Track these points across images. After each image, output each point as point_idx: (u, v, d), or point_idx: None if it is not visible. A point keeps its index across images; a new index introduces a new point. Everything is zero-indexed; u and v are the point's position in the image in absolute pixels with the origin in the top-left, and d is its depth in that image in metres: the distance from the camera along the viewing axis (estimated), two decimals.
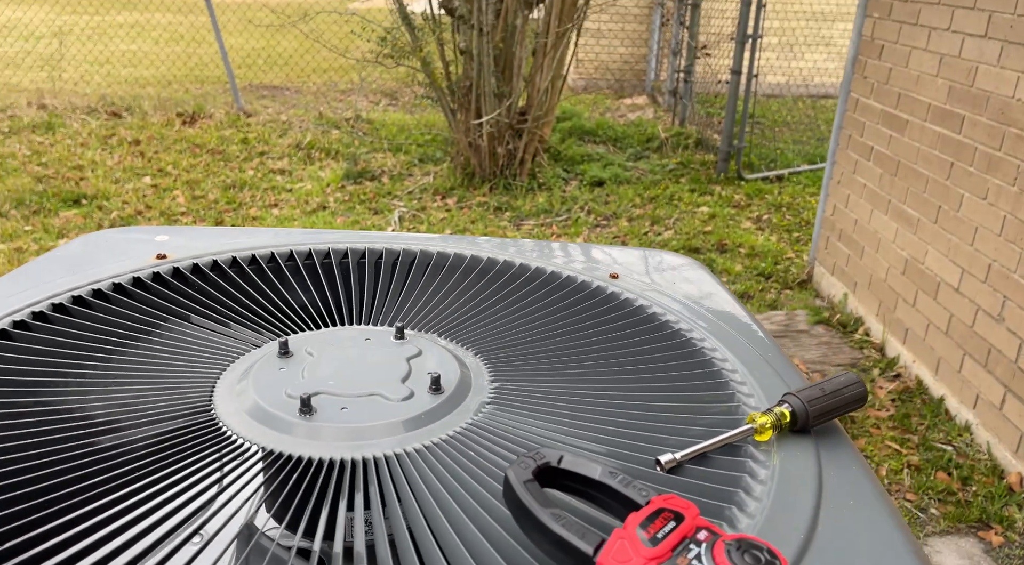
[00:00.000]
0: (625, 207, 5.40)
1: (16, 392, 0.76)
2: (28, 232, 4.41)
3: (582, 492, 0.59)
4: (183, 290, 0.97)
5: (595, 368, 0.88)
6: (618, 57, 8.71)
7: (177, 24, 12.93)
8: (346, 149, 6.49)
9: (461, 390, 0.80)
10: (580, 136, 6.85)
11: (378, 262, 1.11)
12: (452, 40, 5.59)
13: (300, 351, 0.84)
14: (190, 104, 7.52)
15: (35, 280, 0.94)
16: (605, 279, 1.09)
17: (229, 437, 0.72)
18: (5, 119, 6.72)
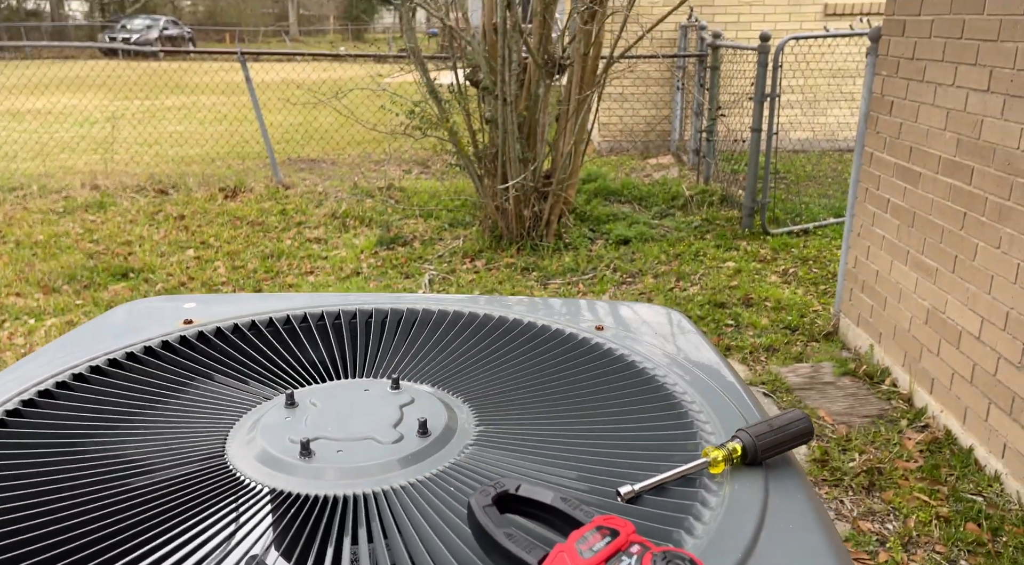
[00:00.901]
0: (651, 264, 5.47)
1: (57, 444, 0.87)
2: (79, 306, 4.65)
3: (537, 516, 0.67)
4: (206, 351, 1.08)
5: (572, 411, 0.96)
6: (641, 119, 8.93)
7: (221, 105, 13.64)
8: (379, 216, 6.73)
9: (447, 433, 0.89)
10: (606, 196, 7.00)
11: (383, 321, 1.22)
12: (478, 110, 5.83)
13: (304, 402, 0.94)
14: (232, 179, 7.89)
15: (76, 346, 1.06)
16: (591, 331, 1.17)
17: (238, 478, 0.81)
18: (60, 200, 7.14)
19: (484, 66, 5.57)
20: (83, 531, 0.74)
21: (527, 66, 5.75)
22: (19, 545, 0.70)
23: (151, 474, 0.82)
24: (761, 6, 8.70)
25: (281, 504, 0.78)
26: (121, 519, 0.76)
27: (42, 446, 0.86)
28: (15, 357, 3.92)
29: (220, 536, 0.74)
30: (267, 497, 0.80)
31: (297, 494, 0.79)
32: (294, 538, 0.76)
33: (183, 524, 0.76)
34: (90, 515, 0.76)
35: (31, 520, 0.74)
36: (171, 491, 0.80)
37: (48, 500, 0.77)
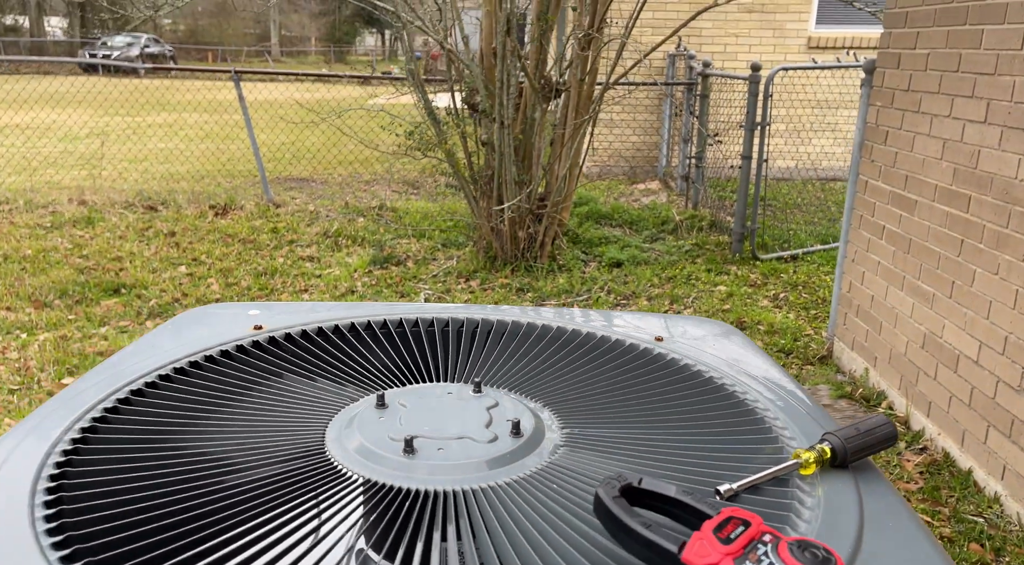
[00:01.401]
0: (644, 287, 5.54)
1: (150, 439, 0.88)
2: (72, 321, 4.59)
3: (659, 508, 0.70)
4: (281, 354, 1.10)
5: (648, 416, 0.99)
6: (631, 145, 9.07)
7: (206, 123, 13.60)
8: (372, 236, 6.73)
9: (537, 435, 0.92)
10: (597, 220, 7.09)
11: (451, 329, 1.24)
12: (474, 133, 5.90)
13: (394, 403, 0.96)
14: (222, 196, 7.86)
15: (155, 349, 1.07)
16: (651, 342, 1.21)
17: (343, 472, 0.83)
18: (47, 215, 7.05)
19: (482, 89, 5.64)
20: (199, 513, 0.75)
21: (523, 90, 5.84)
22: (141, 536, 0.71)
23: (256, 468, 0.83)
24: (747, 38, 8.92)
25: (387, 497, 0.80)
26: (233, 504, 0.77)
27: (145, 440, 0.87)
28: (9, 370, 3.86)
29: (329, 524, 0.76)
30: (374, 491, 0.81)
31: (403, 488, 0.81)
32: (399, 531, 0.77)
33: (292, 510, 0.77)
34: (204, 498, 0.77)
35: (147, 512, 0.75)
36: (279, 482, 0.82)
37: (160, 490, 0.78)
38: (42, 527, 0.68)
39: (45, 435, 0.83)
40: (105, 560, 0.66)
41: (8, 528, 0.68)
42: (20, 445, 0.82)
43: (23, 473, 0.76)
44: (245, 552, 0.70)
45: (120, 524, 0.72)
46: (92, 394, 0.92)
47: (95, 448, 0.83)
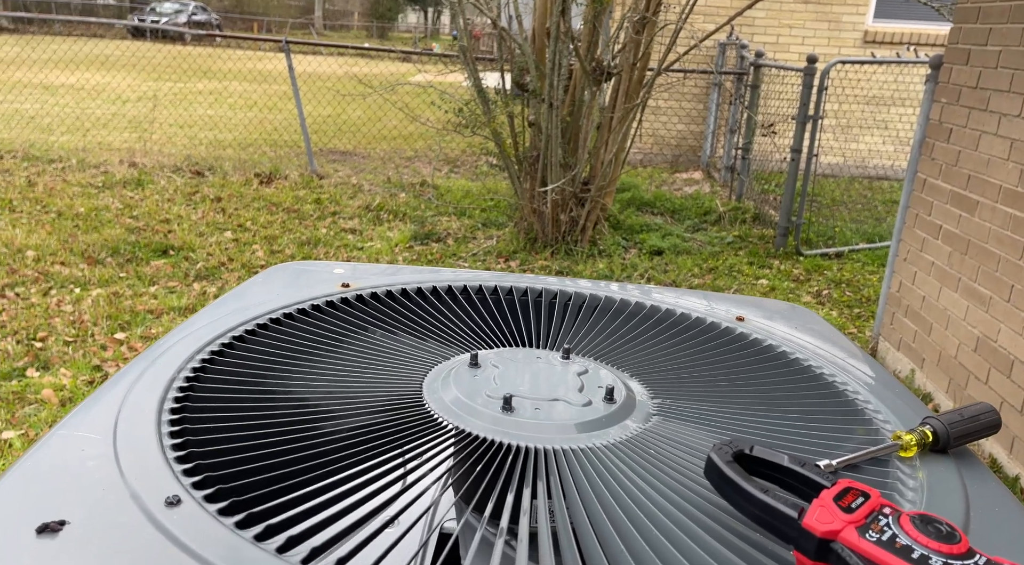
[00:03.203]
0: (685, 276, 5.50)
1: (256, 383, 0.90)
2: (123, 278, 4.70)
3: (769, 476, 0.70)
4: (370, 312, 1.12)
5: (739, 395, 0.99)
6: (675, 133, 8.98)
7: (251, 92, 13.73)
8: (413, 212, 6.77)
9: (630, 402, 0.92)
10: (639, 207, 7.04)
11: (536, 299, 1.25)
12: (522, 113, 5.88)
13: (486, 363, 0.97)
14: (267, 165, 7.95)
15: (249, 301, 1.10)
16: (732, 321, 1.20)
17: (446, 426, 0.84)
18: (99, 175, 7.20)
19: (533, 70, 5.62)
20: (306, 455, 0.77)
21: (573, 72, 5.80)
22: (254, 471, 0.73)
23: (357, 415, 0.85)
24: (801, 29, 8.75)
25: (483, 450, 0.82)
26: (336, 448, 0.79)
27: (251, 384, 0.89)
28: (64, 323, 3.96)
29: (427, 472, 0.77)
30: (471, 443, 0.83)
31: (502, 443, 0.82)
32: (489, 484, 0.79)
33: (397, 455, 0.79)
34: (310, 442, 0.79)
35: (259, 449, 0.77)
36: (382, 429, 0.83)
37: (268, 430, 0.80)
38: (171, 455, 0.71)
39: (159, 376, 0.86)
40: (231, 489, 0.68)
41: (139, 448, 0.71)
42: (135, 386, 0.84)
43: (148, 403, 0.79)
44: (353, 495, 0.72)
45: (235, 458, 0.75)
46: (202, 334, 0.94)
47: (209, 385, 0.86)
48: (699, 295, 1.34)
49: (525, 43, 5.75)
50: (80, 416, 0.77)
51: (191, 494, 0.65)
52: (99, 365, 3.54)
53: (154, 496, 0.64)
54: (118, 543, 0.59)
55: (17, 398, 3.19)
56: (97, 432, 0.73)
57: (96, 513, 0.62)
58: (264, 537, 0.63)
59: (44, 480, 0.66)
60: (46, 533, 0.59)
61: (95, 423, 0.75)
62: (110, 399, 0.80)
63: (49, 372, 3.45)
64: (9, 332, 3.83)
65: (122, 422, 0.75)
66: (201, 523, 0.62)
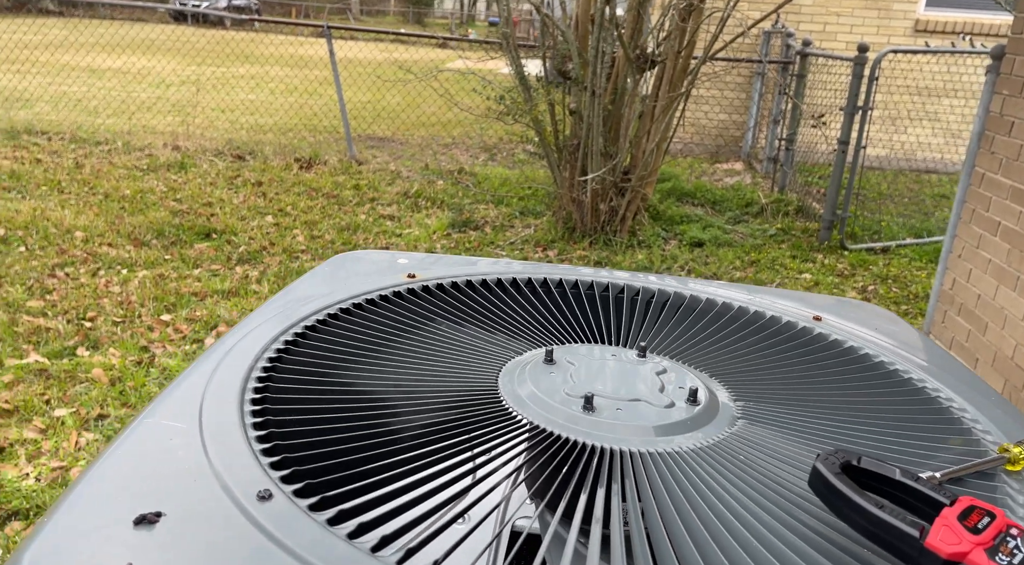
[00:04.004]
0: (725, 269, 5.41)
1: (330, 372, 0.89)
2: (168, 261, 4.76)
3: (878, 490, 0.66)
4: (438, 304, 1.10)
5: (826, 399, 0.96)
6: (716, 123, 8.83)
7: (291, 77, 13.83)
8: (451, 199, 6.76)
9: (713, 404, 0.89)
10: (679, 197, 6.95)
11: (592, 293, 1.22)
12: (563, 101, 5.82)
13: (562, 360, 0.95)
14: (307, 151, 8.00)
15: (317, 290, 1.08)
16: (809, 321, 1.16)
17: (525, 424, 0.82)
18: (144, 158, 7.30)
19: (575, 57, 5.55)
20: (381, 443, 0.75)
21: (616, 60, 5.72)
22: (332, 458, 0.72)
23: (431, 409, 0.83)
24: (849, 17, 8.53)
25: (562, 449, 0.79)
26: (411, 437, 0.77)
27: (324, 374, 0.88)
28: (112, 303, 4.03)
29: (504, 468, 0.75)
30: (551, 441, 0.80)
31: (584, 443, 0.79)
32: (563, 483, 0.76)
33: (474, 448, 0.77)
34: (385, 432, 0.78)
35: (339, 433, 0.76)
36: (459, 422, 0.81)
37: (351, 419, 0.79)
38: (257, 447, 0.70)
39: (237, 365, 0.85)
40: (319, 484, 0.67)
41: (225, 438, 0.70)
42: (216, 373, 0.84)
43: (229, 392, 0.78)
44: (439, 494, 0.71)
45: (319, 452, 0.73)
46: (279, 322, 0.93)
47: (286, 376, 0.85)
48: (768, 291, 1.30)
49: (568, 30, 5.68)
50: (165, 403, 0.77)
51: (281, 488, 0.64)
52: (146, 346, 3.60)
53: (246, 490, 0.63)
54: (214, 537, 0.58)
55: (68, 376, 3.25)
56: (183, 421, 0.72)
57: (190, 506, 0.61)
58: (356, 534, 0.61)
59: (137, 470, 0.66)
60: (143, 524, 0.58)
61: (180, 411, 0.74)
62: (192, 387, 0.79)
63: (98, 351, 3.51)
64: (60, 311, 3.91)
65: (206, 410, 0.74)
66: (294, 519, 0.61)
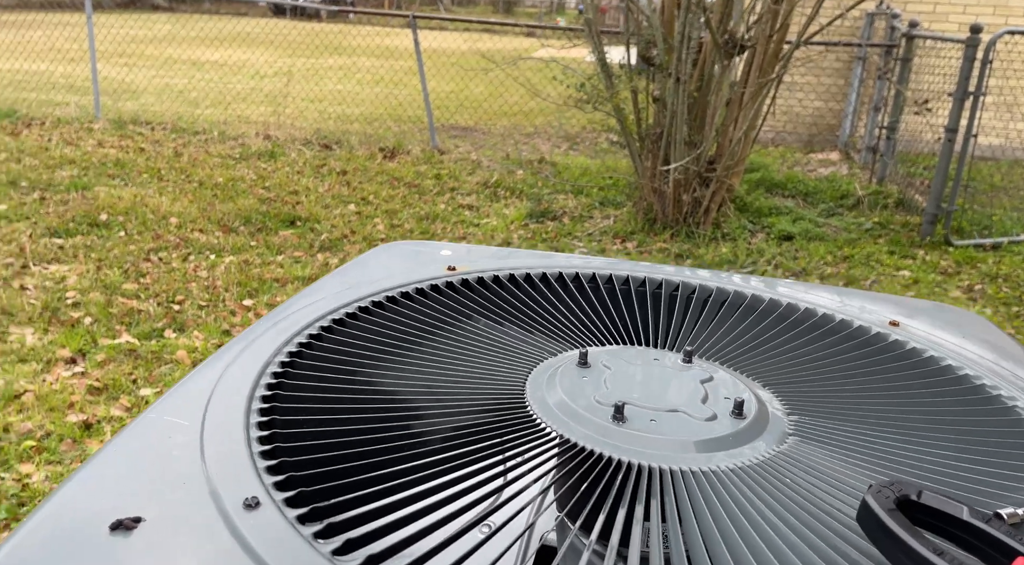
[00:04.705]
0: (816, 264, 5.15)
1: (349, 370, 0.85)
2: (253, 247, 4.92)
3: (942, 530, 0.57)
4: (475, 298, 1.05)
5: (894, 417, 0.85)
6: (811, 110, 8.41)
7: (378, 68, 14.09)
8: (530, 189, 6.71)
9: (761, 418, 0.80)
10: (768, 188, 6.66)
11: (644, 289, 1.14)
12: (646, 89, 5.66)
13: (597, 363, 0.88)
14: (391, 140, 8.13)
15: (351, 281, 1.05)
16: (884, 326, 1.05)
17: (550, 433, 0.76)
18: (237, 147, 7.59)
19: (660, 43, 5.38)
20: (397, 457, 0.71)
21: (703, 46, 5.51)
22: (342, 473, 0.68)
23: (453, 413, 0.78)
24: None
25: (590, 464, 0.73)
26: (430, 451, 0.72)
27: (346, 372, 0.84)
28: (199, 287, 4.20)
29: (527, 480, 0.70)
30: (576, 455, 0.74)
31: (611, 458, 0.73)
32: (598, 502, 0.70)
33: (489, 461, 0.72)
34: (406, 441, 0.73)
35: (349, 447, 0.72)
36: (477, 430, 0.76)
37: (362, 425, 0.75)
38: (256, 448, 0.67)
39: (257, 355, 0.82)
40: (313, 493, 0.63)
41: (226, 439, 0.68)
42: (229, 369, 0.81)
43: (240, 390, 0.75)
44: (442, 508, 0.66)
45: (320, 457, 0.70)
46: (299, 318, 0.91)
47: (302, 373, 0.82)
48: (841, 293, 1.19)
49: (653, 15, 5.51)
50: (173, 398, 0.75)
51: (271, 496, 0.61)
52: (228, 330, 3.72)
53: (234, 495, 0.60)
54: (189, 547, 0.55)
55: (155, 357, 3.40)
56: (187, 418, 0.70)
57: (172, 511, 0.59)
58: (342, 552, 0.57)
59: (128, 469, 0.64)
60: (119, 530, 0.56)
61: (186, 407, 0.72)
62: (204, 382, 0.78)
63: (184, 334, 3.66)
64: (151, 294, 4.10)
65: (212, 408, 0.72)
66: (277, 530, 0.57)
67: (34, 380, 3.13)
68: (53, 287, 4.07)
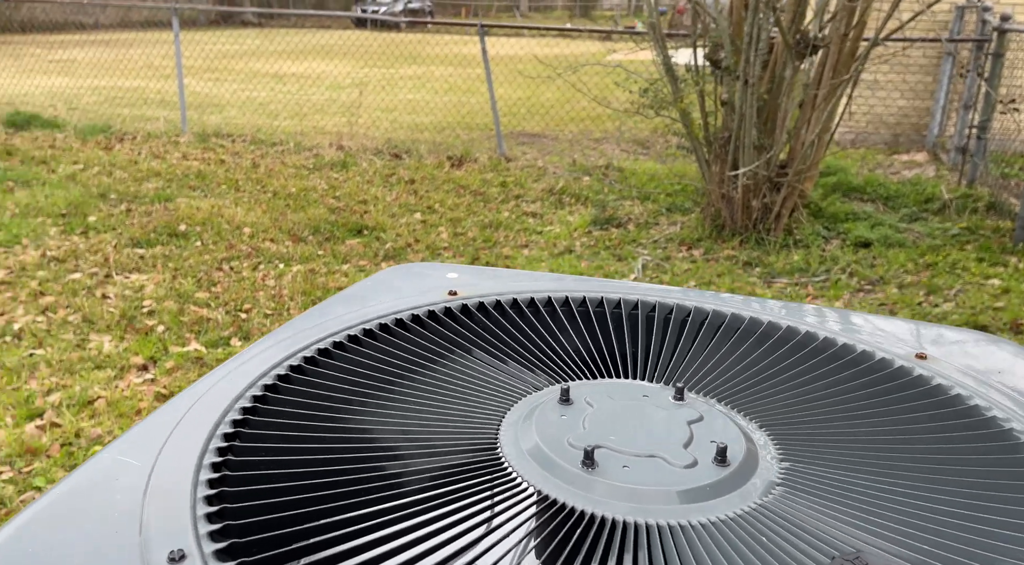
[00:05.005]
0: (895, 272, 4.89)
1: (319, 413, 0.84)
2: (320, 256, 5.05)
3: None
4: (471, 326, 1.03)
5: (906, 465, 0.78)
6: (896, 110, 8.01)
7: (453, 76, 14.29)
8: (595, 195, 6.64)
9: (748, 465, 0.75)
10: (845, 192, 6.37)
11: (652, 316, 1.09)
12: (714, 92, 5.51)
13: (580, 400, 0.84)
14: (459, 148, 8.20)
15: (352, 305, 1.05)
16: (910, 359, 0.96)
17: (515, 480, 0.73)
18: (311, 157, 7.82)
19: (728, 45, 5.22)
20: (357, 505, 0.69)
21: (774, 46, 5.32)
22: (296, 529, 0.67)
23: (424, 457, 0.76)
24: None
25: (557, 516, 0.69)
26: (387, 498, 0.70)
27: (314, 414, 0.83)
28: (266, 296, 4.33)
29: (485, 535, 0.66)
30: (544, 505, 0.70)
31: (573, 508, 0.69)
32: (566, 559, 0.66)
33: (451, 513, 0.69)
34: (363, 488, 0.72)
35: (305, 504, 0.71)
36: (444, 477, 0.74)
37: (321, 476, 0.74)
38: (201, 493, 0.66)
39: (221, 398, 0.82)
40: (243, 545, 0.62)
41: (172, 483, 0.67)
42: (194, 407, 0.81)
43: (200, 430, 0.75)
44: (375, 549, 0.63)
45: (263, 504, 0.69)
46: (275, 353, 0.91)
47: (262, 420, 0.81)
48: (873, 319, 1.10)
49: (720, 16, 5.36)
50: (134, 435, 0.76)
51: (201, 548, 0.60)
52: None
53: (161, 546, 0.59)
54: None
55: (220, 365, 3.52)
56: (139, 458, 0.70)
57: (95, 563, 0.58)
58: None
59: (68, 512, 0.64)
60: None
61: (143, 446, 0.72)
62: (167, 420, 0.78)
63: (249, 342, 3.78)
64: (221, 303, 4.26)
65: (167, 449, 0.72)
66: None
67: (107, 386, 3.30)
68: (132, 296, 4.28)
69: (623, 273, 5.05)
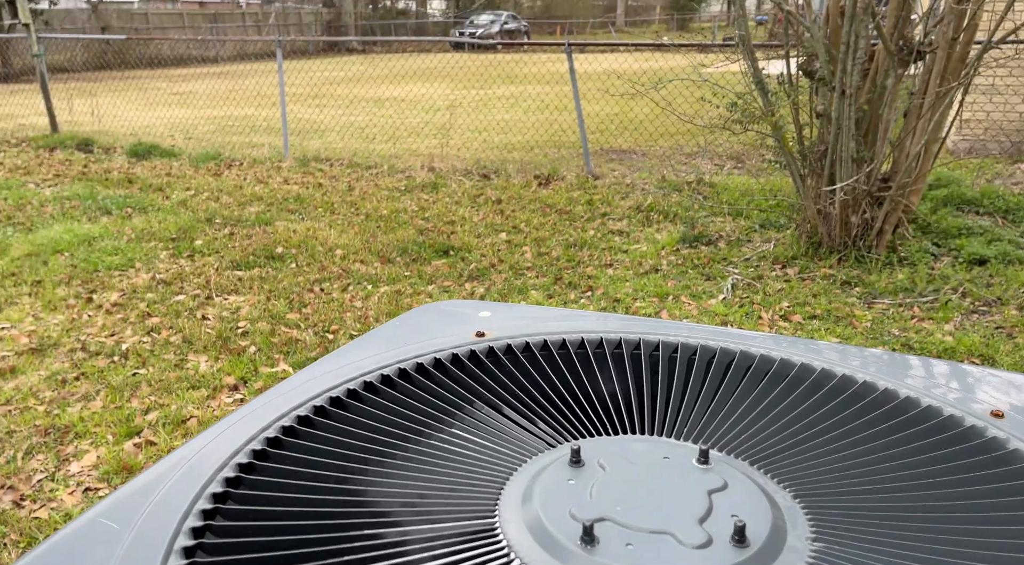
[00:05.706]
0: (1015, 292, 4.48)
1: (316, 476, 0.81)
2: (407, 277, 5.14)
3: None
4: (491, 371, 0.98)
5: (968, 550, 0.67)
6: (1016, 117, 7.40)
7: (545, 94, 14.35)
8: (684, 212, 6.47)
9: (771, 546, 0.67)
10: (958, 206, 5.93)
11: (692, 360, 1.02)
12: (809, 103, 5.26)
13: (592, 461, 0.78)
14: (547, 167, 8.20)
15: (377, 348, 1.03)
16: (984, 417, 0.85)
17: (506, 555, 0.68)
18: (403, 179, 8.02)
19: (823, 54, 4.97)
20: None
21: (874, 54, 5.02)
22: None
23: (419, 522, 0.72)
24: None
25: None
26: None
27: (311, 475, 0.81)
28: (353, 317, 4.44)
29: None
30: None
31: None
32: None
33: None
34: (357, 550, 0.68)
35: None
36: (436, 544, 0.69)
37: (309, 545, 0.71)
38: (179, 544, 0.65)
39: (224, 446, 0.81)
40: None
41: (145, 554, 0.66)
42: (195, 457, 0.81)
43: (185, 493, 0.74)
44: None
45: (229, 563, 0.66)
46: (286, 401, 0.89)
47: (252, 483, 0.78)
48: (946, 366, 0.98)
49: (814, 25, 5.12)
50: (120, 496, 0.75)
51: None
52: None
53: None
54: None
55: None
56: (120, 521, 0.69)
57: None
58: None
59: None
60: None
61: (129, 507, 0.72)
62: (161, 474, 0.77)
63: None
64: (311, 324, 4.39)
65: (151, 510, 0.71)
66: None
67: (200, 406, 3.45)
68: (228, 317, 4.48)
69: (711, 293, 4.87)
